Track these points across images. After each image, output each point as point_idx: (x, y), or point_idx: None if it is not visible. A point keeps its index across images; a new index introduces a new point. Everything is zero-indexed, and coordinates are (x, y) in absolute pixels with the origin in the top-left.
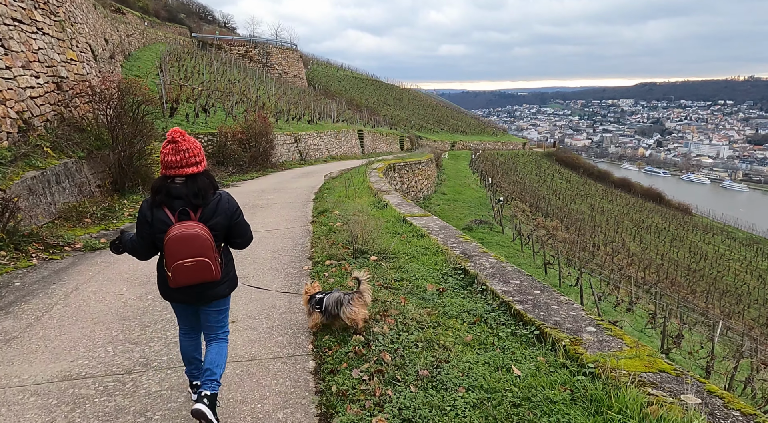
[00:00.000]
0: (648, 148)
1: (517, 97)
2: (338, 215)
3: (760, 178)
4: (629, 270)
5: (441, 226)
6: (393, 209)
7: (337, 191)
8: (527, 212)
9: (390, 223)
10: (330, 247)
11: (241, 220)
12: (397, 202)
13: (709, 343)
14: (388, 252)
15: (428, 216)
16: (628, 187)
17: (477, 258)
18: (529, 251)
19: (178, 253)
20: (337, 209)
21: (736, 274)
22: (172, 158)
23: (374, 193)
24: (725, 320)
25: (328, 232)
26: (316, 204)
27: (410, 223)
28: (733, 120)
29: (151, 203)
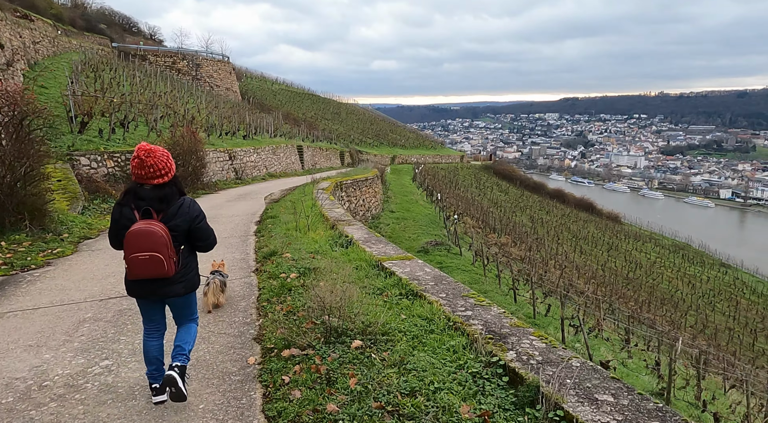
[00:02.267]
0: (573, 160)
1: (450, 112)
2: (291, 261)
3: (673, 186)
4: (578, 283)
5: (435, 277)
6: (361, 249)
7: (284, 221)
8: (477, 228)
9: (363, 272)
10: (286, 320)
11: (203, 224)
12: (363, 238)
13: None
14: (376, 329)
15: (410, 259)
16: (562, 197)
17: (515, 339)
18: (491, 274)
19: (134, 246)
20: (289, 250)
21: (669, 280)
22: (138, 172)
23: (331, 223)
24: (672, 331)
25: (280, 290)
26: (259, 241)
27: (390, 272)
28: (647, 132)
29: (120, 202)
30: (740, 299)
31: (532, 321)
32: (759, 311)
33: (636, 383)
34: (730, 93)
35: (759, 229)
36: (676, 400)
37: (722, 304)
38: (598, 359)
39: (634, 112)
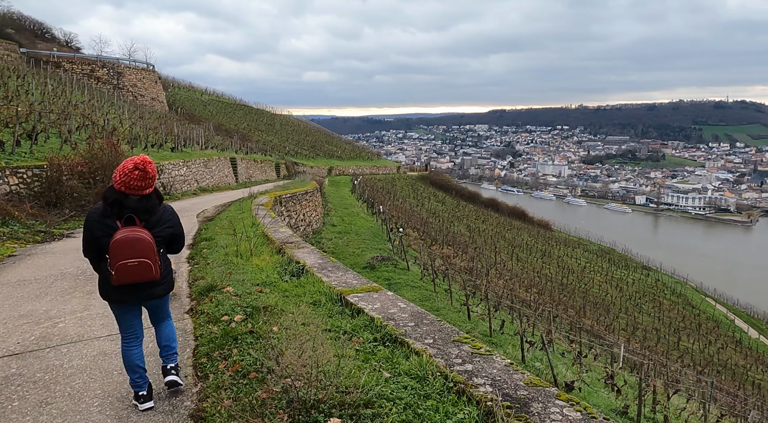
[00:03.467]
0: (503, 169)
1: (384, 123)
2: (234, 297)
3: (594, 193)
4: (521, 292)
5: (412, 315)
6: (317, 278)
7: (222, 244)
8: (419, 240)
9: (324, 310)
10: (234, 384)
11: (181, 230)
12: (317, 264)
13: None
14: (356, 398)
15: (377, 290)
16: (496, 206)
17: (539, 406)
18: (441, 290)
19: (122, 254)
20: (230, 282)
21: (599, 284)
22: (139, 184)
23: (277, 246)
24: (607, 335)
25: (223, 339)
26: (193, 270)
27: (357, 309)
28: (569, 143)
29: (102, 212)
30: (662, 300)
31: (488, 339)
32: (679, 311)
33: (599, 402)
34: (641, 106)
35: (671, 233)
36: (646, 420)
37: (647, 305)
38: (562, 381)
39: (557, 123)
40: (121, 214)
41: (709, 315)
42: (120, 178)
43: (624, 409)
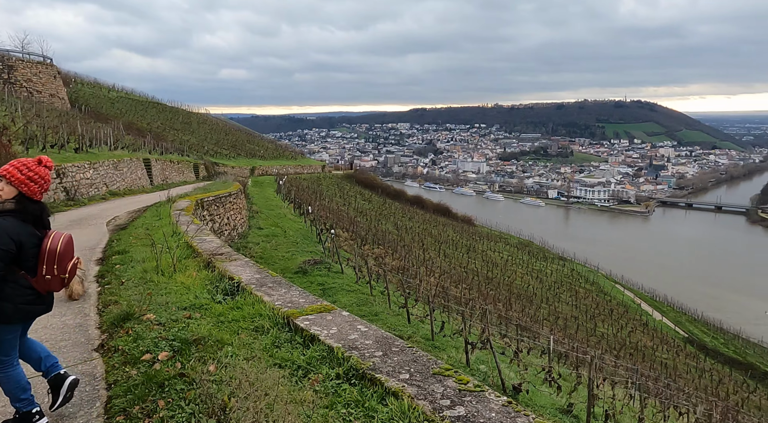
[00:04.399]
0: (425, 167)
1: (307, 122)
2: (157, 326)
3: (511, 188)
4: (451, 289)
5: (378, 340)
6: (257, 298)
7: (139, 258)
8: (350, 240)
9: (268, 339)
10: None
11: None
12: (255, 279)
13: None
14: None
15: (330, 310)
16: (421, 203)
17: None
18: (378, 293)
19: (64, 258)
20: (151, 307)
21: (521, 276)
22: (47, 187)
23: (205, 259)
24: (530, 326)
25: (145, 388)
26: (104, 293)
27: (310, 335)
28: (487, 141)
29: (24, 221)
30: (578, 289)
31: (431, 343)
32: (594, 298)
33: (544, 402)
34: (551, 105)
35: (581, 224)
36: (595, 420)
37: (565, 294)
38: (509, 384)
39: (475, 122)
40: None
41: (619, 301)
42: (40, 184)
43: (568, 408)
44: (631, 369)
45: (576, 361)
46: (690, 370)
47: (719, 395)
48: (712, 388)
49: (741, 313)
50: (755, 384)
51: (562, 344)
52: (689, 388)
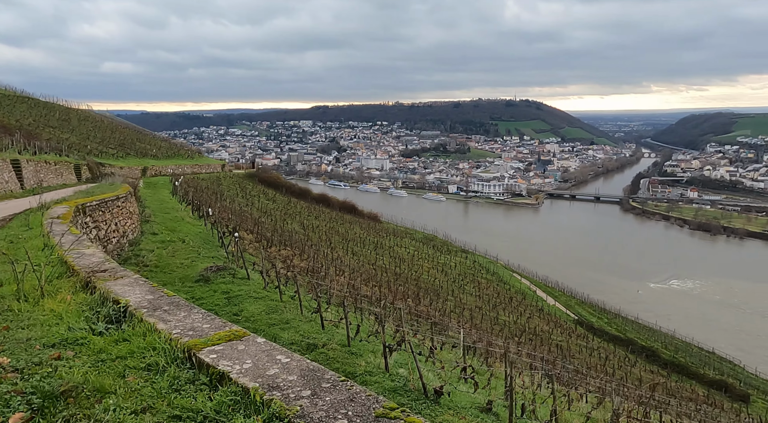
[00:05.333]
0: (329, 164)
1: (204, 119)
2: (12, 373)
3: (413, 184)
4: (362, 287)
5: (303, 374)
6: (149, 326)
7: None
8: (255, 243)
9: (165, 381)
10: None
11: None
12: (147, 302)
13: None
14: None
15: (242, 336)
16: (327, 201)
17: None
18: (289, 298)
19: None
20: (5, 350)
21: (427, 270)
22: None
23: (83, 278)
24: (439, 319)
25: None
26: None
27: (218, 373)
28: (389, 138)
29: None
30: (480, 280)
31: (348, 350)
32: (495, 288)
33: (464, 401)
34: (448, 104)
35: (480, 217)
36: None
37: (469, 285)
38: (431, 387)
39: (377, 119)
40: None
41: (518, 289)
42: None
43: (488, 405)
44: (532, 355)
45: (486, 353)
46: (581, 350)
47: (607, 371)
48: (600, 366)
49: (620, 293)
50: (635, 358)
51: (470, 336)
52: (583, 368)
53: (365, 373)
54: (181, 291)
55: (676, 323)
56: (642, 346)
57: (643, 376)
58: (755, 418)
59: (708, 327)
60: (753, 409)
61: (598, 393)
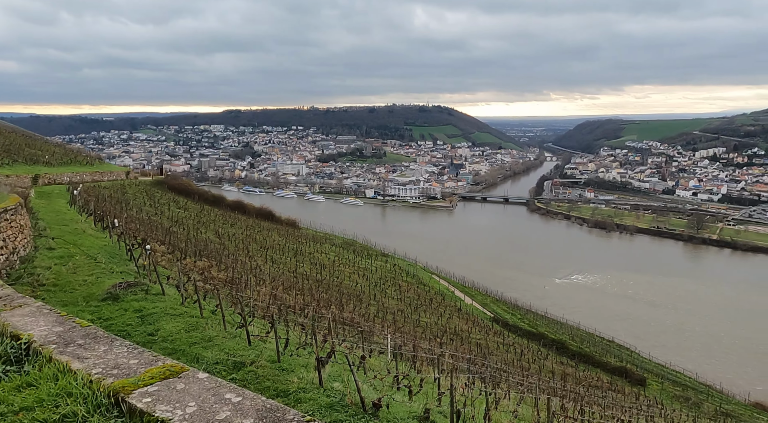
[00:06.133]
0: (243, 170)
1: (104, 123)
2: None
3: (331, 189)
4: (285, 297)
5: (261, 413)
6: (60, 366)
7: None
8: (168, 254)
9: None
10: None
11: None
12: (56, 335)
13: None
14: None
15: (179, 372)
16: (243, 208)
17: None
18: (209, 313)
19: None
20: None
21: (349, 276)
22: None
23: None
24: (363, 325)
25: None
26: None
27: (155, 421)
28: (305, 143)
29: None
30: (401, 282)
31: (278, 366)
32: (415, 290)
33: (401, 412)
34: (364, 109)
35: (397, 220)
36: (444, 417)
37: (390, 289)
38: (369, 400)
39: (292, 124)
40: None
41: (437, 290)
42: None
43: (425, 414)
44: (456, 355)
45: (413, 357)
46: (498, 347)
47: (523, 366)
48: (516, 361)
49: (530, 290)
50: (546, 351)
51: (395, 340)
52: (502, 365)
53: (299, 389)
54: (85, 311)
55: (580, 316)
56: (552, 339)
57: (554, 367)
58: (651, 399)
59: (608, 317)
60: (649, 391)
61: (518, 389)
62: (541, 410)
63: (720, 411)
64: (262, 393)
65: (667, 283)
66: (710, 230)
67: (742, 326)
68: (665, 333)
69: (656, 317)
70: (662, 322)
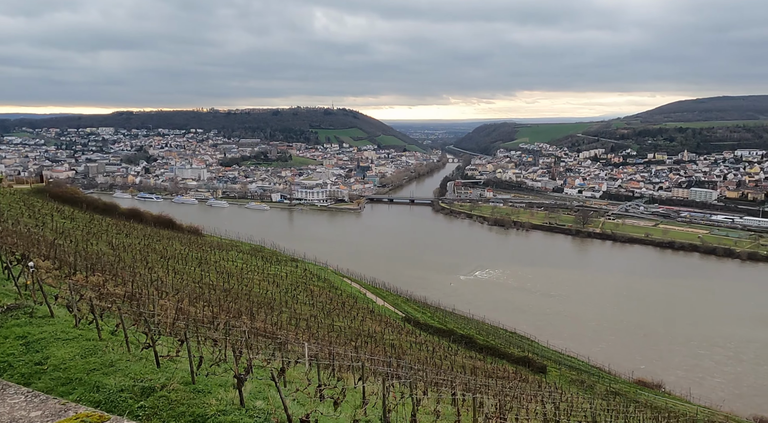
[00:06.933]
0: (137, 175)
1: None
2: None
3: (235, 194)
4: (191, 310)
5: None
6: None
7: None
8: (54, 270)
9: None
10: None
11: None
12: None
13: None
14: None
15: None
16: (139, 216)
17: None
18: (109, 334)
19: None
20: None
21: (258, 283)
22: None
23: None
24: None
25: None
26: None
27: None
28: (205, 146)
29: None
30: (313, 287)
31: (193, 387)
32: (327, 294)
33: None
34: (267, 111)
35: (305, 224)
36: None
37: (302, 295)
38: (297, 418)
39: (191, 126)
40: None
41: (349, 293)
42: None
43: None
44: (372, 359)
45: (331, 363)
46: (411, 346)
47: (436, 363)
48: (429, 358)
49: (438, 288)
50: (456, 347)
51: (310, 347)
52: (415, 363)
53: (218, 412)
54: None
55: (485, 310)
56: (461, 334)
57: (465, 362)
58: (552, 385)
59: (510, 310)
60: (550, 377)
61: (434, 388)
62: (462, 407)
63: (610, 390)
64: (176, 420)
65: (560, 274)
66: (594, 224)
67: (624, 311)
68: (561, 321)
69: (552, 307)
70: (558, 312)
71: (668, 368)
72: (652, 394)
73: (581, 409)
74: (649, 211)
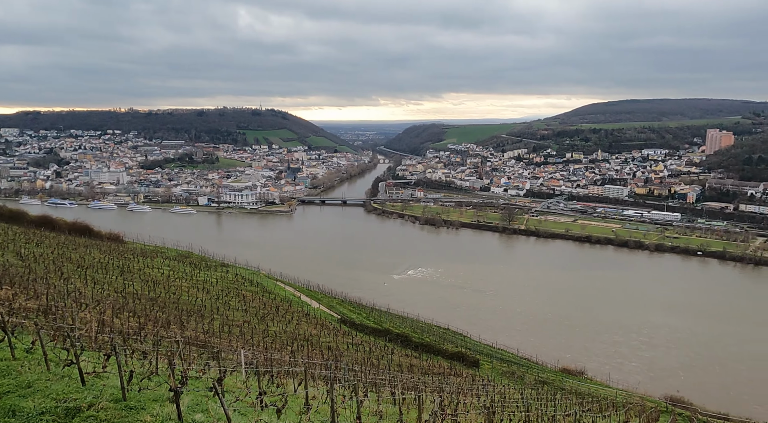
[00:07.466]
0: (47, 180)
1: None
2: None
3: (158, 198)
4: (115, 322)
5: None
6: None
7: None
8: None
9: None
10: None
11: None
12: None
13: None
14: None
15: None
16: (51, 224)
17: None
18: (25, 352)
19: None
20: None
21: (187, 290)
22: None
23: None
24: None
25: None
26: None
27: None
28: (124, 148)
29: None
30: (245, 293)
31: (124, 405)
32: (260, 299)
33: None
34: (192, 112)
35: (235, 228)
36: None
37: (234, 301)
38: None
39: (107, 128)
40: None
41: (283, 297)
42: None
43: None
44: (310, 362)
45: (270, 370)
46: (348, 348)
47: (373, 363)
48: (366, 358)
49: (372, 288)
50: (392, 346)
51: (246, 354)
52: (353, 364)
53: None
54: None
55: (419, 308)
56: (396, 333)
57: (401, 360)
58: (485, 378)
59: (443, 307)
60: (483, 371)
61: (372, 388)
62: (403, 406)
63: (538, 379)
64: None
65: (490, 270)
66: (519, 221)
67: (548, 303)
68: (491, 316)
69: (483, 302)
70: (488, 306)
71: (590, 355)
72: (576, 381)
73: (513, 399)
74: (568, 207)
